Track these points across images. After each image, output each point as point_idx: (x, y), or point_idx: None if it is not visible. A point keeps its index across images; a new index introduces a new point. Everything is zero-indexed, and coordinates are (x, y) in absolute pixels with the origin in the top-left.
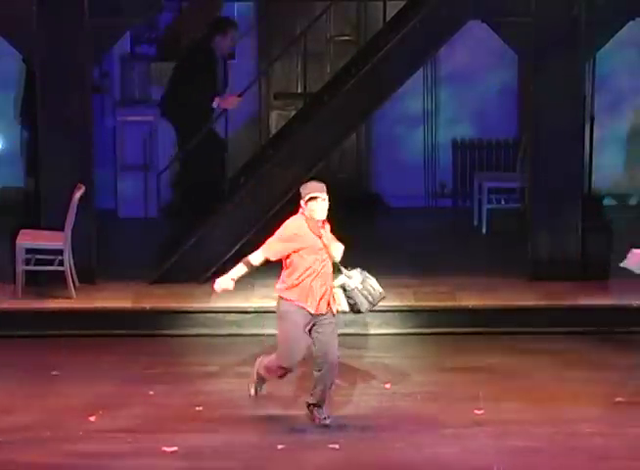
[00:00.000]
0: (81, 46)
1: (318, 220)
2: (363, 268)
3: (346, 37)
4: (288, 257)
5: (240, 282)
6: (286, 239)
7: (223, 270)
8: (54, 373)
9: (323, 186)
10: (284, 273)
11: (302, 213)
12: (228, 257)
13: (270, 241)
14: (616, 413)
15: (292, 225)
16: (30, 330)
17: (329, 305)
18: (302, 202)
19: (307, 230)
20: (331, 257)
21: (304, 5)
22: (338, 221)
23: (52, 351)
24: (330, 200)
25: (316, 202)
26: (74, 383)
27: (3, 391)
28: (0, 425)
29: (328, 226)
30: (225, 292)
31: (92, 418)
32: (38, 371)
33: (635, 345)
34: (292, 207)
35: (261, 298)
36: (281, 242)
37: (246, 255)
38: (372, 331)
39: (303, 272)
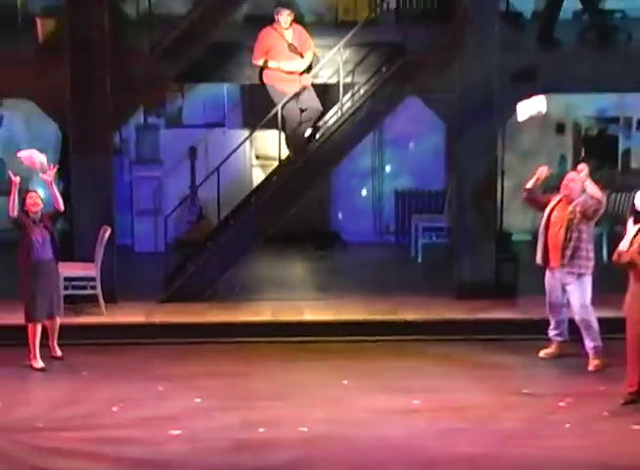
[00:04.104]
0: (105, 117)
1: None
2: (326, 290)
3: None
4: None
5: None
6: None
7: (218, 291)
8: (83, 374)
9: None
10: None
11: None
12: (221, 280)
13: None
14: (525, 402)
15: None
16: (67, 340)
17: None
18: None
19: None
20: None
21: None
22: (305, 253)
23: (84, 356)
24: (299, 237)
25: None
26: (101, 381)
27: (45, 388)
28: (42, 415)
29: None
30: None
31: (115, 409)
32: (73, 373)
33: (537, 349)
34: (269, 243)
35: (248, 314)
36: None
37: (237, 275)
38: (336, 338)
39: None
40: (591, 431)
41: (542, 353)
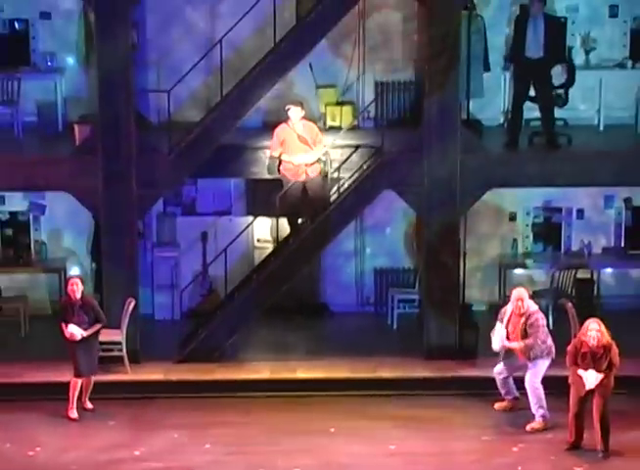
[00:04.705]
0: (131, 207)
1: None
2: (316, 352)
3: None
4: None
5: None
6: None
7: (225, 352)
8: (111, 423)
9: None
10: None
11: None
12: (228, 343)
13: None
14: (485, 447)
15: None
16: (98, 394)
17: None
18: None
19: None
20: None
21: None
22: (297, 322)
23: (111, 408)
24: (292, 308)
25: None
26: (126, 429)
27: (77, 435)
28: (75, 458)
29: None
30: None
31: (137, 452)
32: (102, 422)
33: (493, 402)
34: (267, 313)
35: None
36: None
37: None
38: (325, 393)
39: None
40: None
41: (497, 406)
